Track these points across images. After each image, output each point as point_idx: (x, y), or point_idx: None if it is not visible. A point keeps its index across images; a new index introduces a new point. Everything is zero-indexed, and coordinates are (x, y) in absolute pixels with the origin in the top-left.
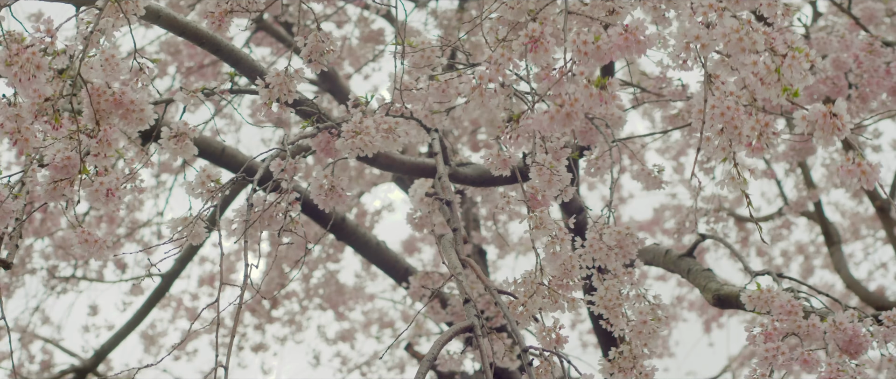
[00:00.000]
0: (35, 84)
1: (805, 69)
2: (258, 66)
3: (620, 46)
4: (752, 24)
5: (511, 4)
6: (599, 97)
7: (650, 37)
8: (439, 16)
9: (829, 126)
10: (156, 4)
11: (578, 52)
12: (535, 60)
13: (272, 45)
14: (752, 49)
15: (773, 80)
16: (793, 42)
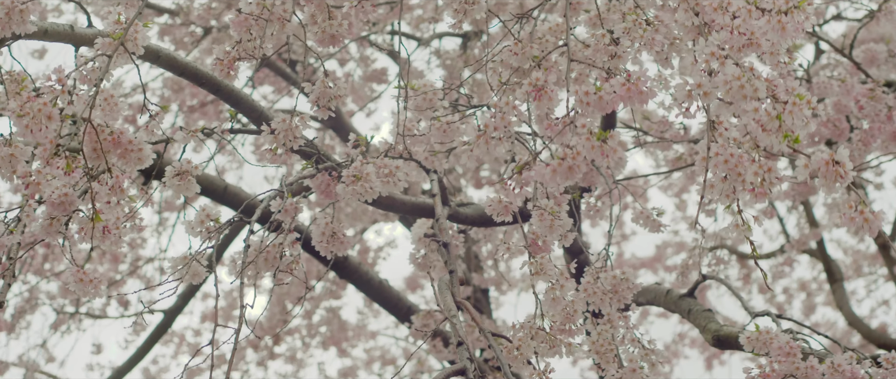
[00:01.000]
0: (47, 134)
1: (806, 116)
2: (258, 107)
3: (622, 97)
4: (753, 71)
5: (515, 50)
6: (601, 150)
7: (652, 87)
8: (442, 55)
9: (831, 174)
10: (155, 45)
11: (581, 103)
12: (538, 108)
13: (274, 83)
14: (753, 96)
15: (774, 127)
16: (794, 89)
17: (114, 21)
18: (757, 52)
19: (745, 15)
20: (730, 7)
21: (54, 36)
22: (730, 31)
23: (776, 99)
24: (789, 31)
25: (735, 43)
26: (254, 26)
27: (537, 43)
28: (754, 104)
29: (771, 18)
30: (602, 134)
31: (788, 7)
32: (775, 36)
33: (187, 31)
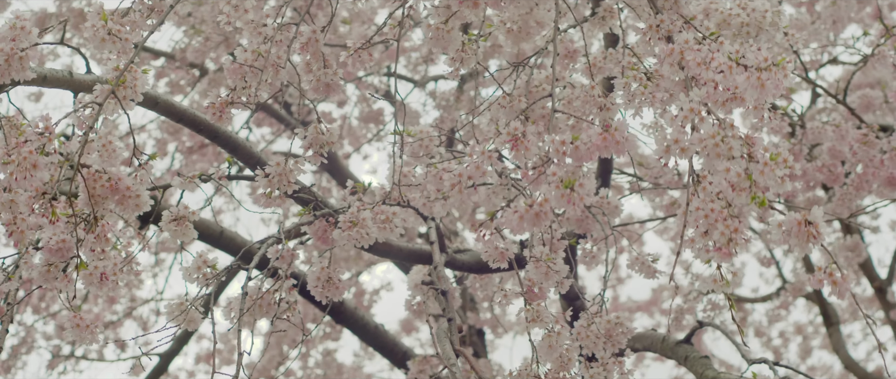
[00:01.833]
0: (32, 182)
1: (781, 175)
2: (256, 153)
3: (599, 146)
4: (733, 127)
5: (503, 104)
6: (568, 199)
7: (630, 137)
8: (438, 96)
9: (804, 234)
10: (153, 91)
11: (556, 152)
12: (516, 158)
13: (272, 125)
14: (727, 155)
15: (744, 186)
16: (766, 149)
17: (112, 67)
18: (741, 106)
19: (727, 71)
20: (713, 62)
21: (53, 82)
22: (714, 86)
23: (752, 157)
24: (769, 88)
25: (719, 98)
26: (248, 73)
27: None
28: (726, 164)
29: (750, 75)
30: (570, 181)
31: (767, 64)
32: (754, 93)
33: (183, 74)
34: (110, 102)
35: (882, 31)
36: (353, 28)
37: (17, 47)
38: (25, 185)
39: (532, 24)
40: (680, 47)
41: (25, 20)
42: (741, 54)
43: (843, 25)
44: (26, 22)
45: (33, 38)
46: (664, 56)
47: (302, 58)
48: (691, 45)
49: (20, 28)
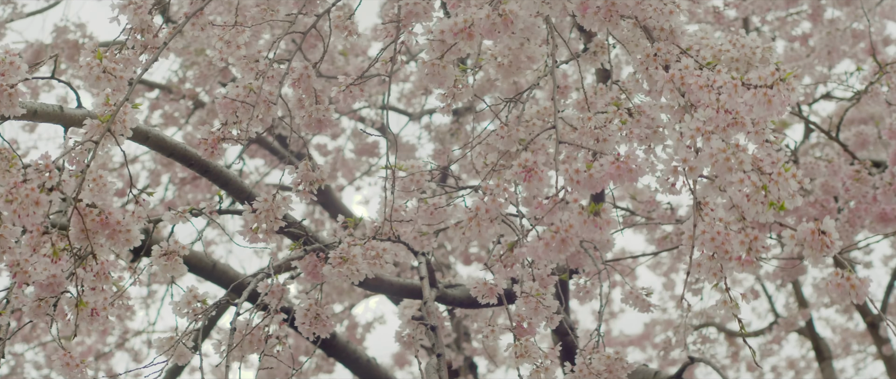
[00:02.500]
0: (33, 219)
1: (792, 186)
2: (246, 188)
3: (612, 175)
4: (739, 146)
5: (501, 134)
6: (594, 223)
7: (641, 165)
8: (433, 130)
9: (817, 243)
10: (144, 126)
11: (571, 181)
12: (528, 189)
13: (266, 157)
14: (739, 168)
15: (760, 198)
16: (778, 159)
17: (102, 102)
18: (742, 131)
19: (731, 90)
20: (715, 83)
21: (44, 116)
22: (715, 109)
23: (762, 171)
24: (775, 105)
25: (720, 122)
26: (240, 109)
27: (525, 126)
28: (740, 175)
29: (757, 92)
30: (594, 207)
31: (774, 80)
32: (761, 110)
33: (177, 106)
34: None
35: (875, 68)
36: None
37: (6, 82)
38: (27, 221)
39: (523, 59)
40: (681, 73)
41: (14, 55)
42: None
43: (838, 56)
44: (15, 57)
45: (23, 73)
46: (664, 82)
47: (294, 93)
48: (692, 70)
49: (9, 63)
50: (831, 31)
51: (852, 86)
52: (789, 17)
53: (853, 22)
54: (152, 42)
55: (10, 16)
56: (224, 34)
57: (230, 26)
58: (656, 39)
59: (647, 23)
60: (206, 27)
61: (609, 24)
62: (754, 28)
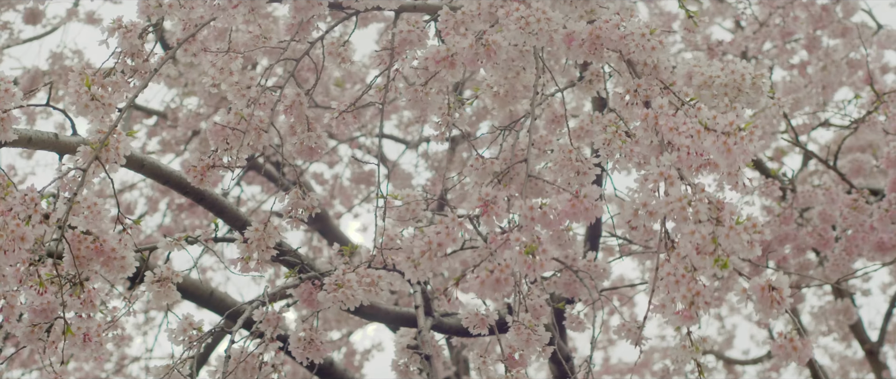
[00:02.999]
0: (19, 255)
1: (749, 239)
2: (242, 216)
3: (568, 213)
4: (704, 192)
5: (476, 166)
6: (527, 264)
7: (598, 204)
8: (430, 157)
9: (767, 299)
10: (139, 153)
11: (525, 218)
12: (486, 224)
13: (263, 183)
14: (694, 218)
15: (709, 250)
16: (733, 211)
17: (97, 129)
18: (715, 171)
19: (696, 135)
20: (683, 127)
21: (38, 143)
22: (686, 151)
23: (719, 222)
24: (735, 153)
25: (692, 163)
26: (231, 136)
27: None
28: (691, 227)
29: (716, 140)
30: (531, 248)
31: (733, 129)
32: (721, 158)
33: (175, 133)
34: (94, 165)
35: (873, 97)
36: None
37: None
38: (13, 258)
39: (519, 88)
40: (655, 112)
41: (8, 82)
42: (715, 120)
43: (833, 90)
44: (10, 83)
45: (17, 100)
46: (641, 120)
47: (286, 120)
48: (666, 110)
49: (4, 90)
50: (827, 64)
51: (849, 114)
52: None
53: (850, 51)
54: (143, 67)
55: (6, 42)
56: (217, 61)
57: (223, 53)
58: (640, 74)
59: (630, 57)
60: (198, 54)
61: (594, 56)
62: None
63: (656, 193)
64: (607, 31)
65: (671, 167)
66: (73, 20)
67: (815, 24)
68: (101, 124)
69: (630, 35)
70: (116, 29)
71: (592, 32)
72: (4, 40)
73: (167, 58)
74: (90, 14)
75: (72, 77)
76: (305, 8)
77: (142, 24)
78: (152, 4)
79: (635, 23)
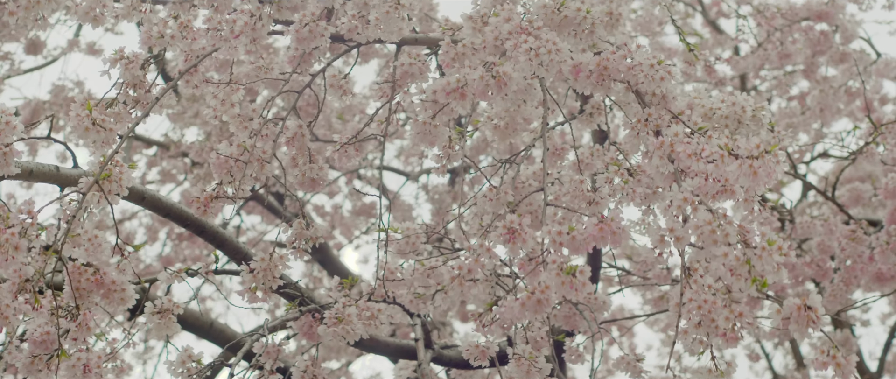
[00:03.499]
0: (13, 265)
1: (777, 261)
2: (243, 248)
3: (595, 237)
4: (726, 217)
5: (490, 196)
6: (570, 284)
7: (625, 228)
8: (430, 190)
9: (803, 319)
10: (140, 186)
11: (554, 243)
12: (512, 251)
13: (263, 214)
14: (724, 241)
15: (744, 272)
16: (764, 234)
17: (98, 161)
18: (732, 199)
19: (719, 160)
20: (704, 153)
21: (39, 176)
22: (704, 177)
23: (747, 244)
24: (761, 177)
25: (709, 190)
26: (234, 168)
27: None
28: (724, 249)
29: (742, 164)
30: (571, 268)
31: (759, 152)
32: (747, 181)
33: (175, 163)
34: (95, 195)
35: (871, 127)
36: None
37: (0, 142)
38: (7, 266)
39: (519, 121)
40: (670, 139)
41: (10, 114)
42: (733, 145)
43: (831, 115)
44: (11, 116)
45: (18, 132)
46: (654, 149)
47: (288, 152)
48: (681, 138)
49: (5, 122)
50: (825, 88)
51: (848, 145)
52: (786, 75)
53: (848, 80)
54: (145, 98)
55: (7, 72)
56: (218, 92)
57: (224, 84)
58: (648, 104)
59: (638, 87)
60: (200, 85)
61: (601, 87)
62: (752, 87)
63: (678, 218)
64: (615, 62)
65: (692, 193)
66: (74, 51)
67: (813, 49)
68: (102, 152)
69: (638, 65)
70: (118, 60)
71: (600, 63)
72: (5, 71)
73: (168, 88)
74: (91, 44)
75: (73, 106)
76: (307, 39)
77: (144, 56)
78: (154, 36)
79: (643, 53)
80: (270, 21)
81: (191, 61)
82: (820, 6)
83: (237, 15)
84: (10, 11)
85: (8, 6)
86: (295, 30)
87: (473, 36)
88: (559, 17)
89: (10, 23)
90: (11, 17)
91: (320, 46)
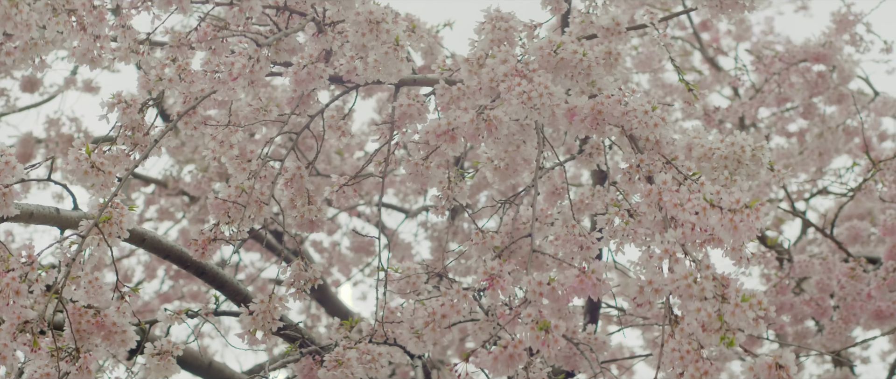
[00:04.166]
0: (14, 309)
1: (752, 317)
2: (242, 289)
3: (576, 289)
4: (709, 268)
5: (476, 241)
6: (542, 342)
7: (606, 281)
8: (430, 227)
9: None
10: (140, 228)
11: (533, 293)
12: (491, 298)
13: (261, 251)
14: (700, 296)
15: (716, 327)
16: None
17: (98, 203)
18: (719, 247)
19: (702, 212)
20: (689, 203)
21: (40, 218)
22: (691, 227)
23: (725, 299)
24: (742, 230)
25: (696, 239)
26: (232, 209)
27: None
28: (698, 304)
29: (723, 217)
30: (545, 324)
31: (740, 206)
32: (727, 235)
33: (173, 202)
34: (95, 238)
35: (870, 164)
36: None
37: (0, 183)
38: (7, 312)
39: (520, 161)
40: (658, 188)
41: (10, 155)
42: (719, 196)
43: (830, 157)
44: (10, 157)
45: (19, 174)
46: (644, 196)
47: (286, 195)
48: (670, 185)
49: (4, 163)
50: (823, 131)
51: (847, 182)
52: (785, 113)
53: (846, 118)
54: (143, 140)
55: (3, 109)
56: (217, 133)
57: (223, 126)
58: (642, 149)
59: (632, 132)
60: (199, 126)
61: (597, 131)
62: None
63: (661, 269)
64: (609, 107)
65: (675, 244)
66: (71, 88)
67: (811, 91)
68: (101, 192)
69: (632, 111)
70: (116, 104)
71: (594, 108)
72: (1, 108)
73: (167, 130)
74: (88, 82)
75: (71, 150)
76: (306, 81)
77: (142, 99)
78: (153, 79)
79: (637, 99)
80: (268, 64)
81: (189, 103)
82: (817, 48)
83: (235, 57)
84: (6, 52)
85: (5, 46)
86: (293, 72)
87: (470, 79)
88: (556, 58)
89: (8, 62)
90: (9, 57)
91: (318, 87)
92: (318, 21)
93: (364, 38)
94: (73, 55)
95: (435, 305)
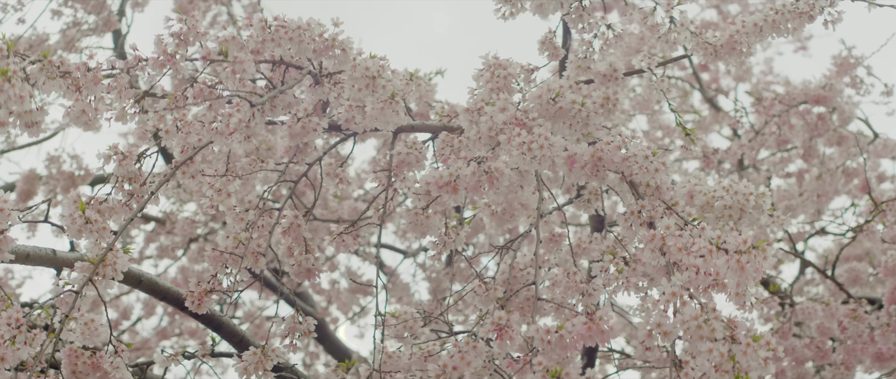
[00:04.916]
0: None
1: (763, 357)
2: (240, 332)
3: (583, 335)
4: (715, 311)
5: (478, 292)
6: None
7: (613, 326)
8: (428, 268)
9: None
10: (137, 269)
11: (541, 342)
12: (500, 348)
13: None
14: (710, 337)
15: (728, 368)
16: (749, 329)
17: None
18: (723, 291)
19: (708, 255)
20: (694, 247)
21: (36, 260)
22: (696, 271)
23: (734, 340)
24: (748, 272)
25: (701, 283)
26: (229, 260)
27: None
28: (709, 345)
29: (730, 259)
30: (556, 372)
31: (747, 247)
32: (734, 276)
33: (173, 240)
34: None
35: (871, 205)
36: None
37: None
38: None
39: (517, 207)
40: (661, 233)
41: (6, 200)
42: (722, 240)
43: (829, 199)
44: (6, 202)
45: (14, 218)
46: (646, 242)
47: (283, 243)
48: (673, 230)
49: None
50: (822, 173)
51: (845, 222)
52: (785, 154)
53: (846, 160)
54: (140, 191)
55: (3, 146)
56: (215, 182)
57: (220, 175)
58: (642, 195)
59: (632, 178)
60: (196, 175)
61: (596, 177)
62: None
63: (667, 313)
64: (609, 153)
65: (681, 288)
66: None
67: (811, 133)
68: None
69: (632, 157)
70: (112, 156)
71: (594, 154)
72: (2, 145)
73: (164, 182)
74: None
75: (64, 204)
76: (301, 135)
77: (139, 150)
78: (150, 131)
79: (637, 145)
80: (264, 120)
81: (187, 153)
82: (818, 90)
83: (232, 108)
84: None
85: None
86: (288, 127)
87: (470, 129)
88: (554, 107)
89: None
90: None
91: (313, 140)
92: (314, 73)
93: (361, 93)
94: (68, 116)
95: (445, 357)
